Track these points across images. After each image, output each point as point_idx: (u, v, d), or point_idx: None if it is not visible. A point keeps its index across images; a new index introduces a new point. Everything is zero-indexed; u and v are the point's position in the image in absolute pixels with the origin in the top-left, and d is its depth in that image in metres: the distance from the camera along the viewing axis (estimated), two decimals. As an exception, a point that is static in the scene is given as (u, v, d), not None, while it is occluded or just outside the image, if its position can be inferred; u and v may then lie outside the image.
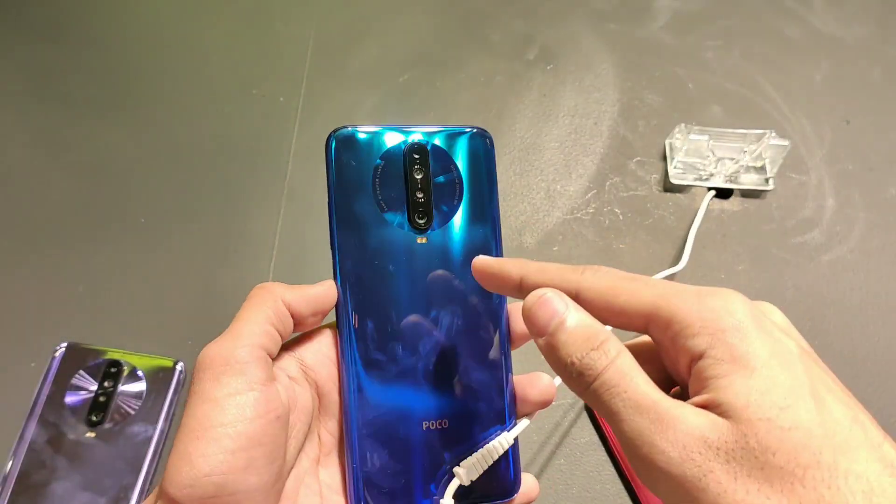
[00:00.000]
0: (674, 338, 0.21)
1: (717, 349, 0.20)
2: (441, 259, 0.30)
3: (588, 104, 0.64)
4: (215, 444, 0.24)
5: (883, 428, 0.20)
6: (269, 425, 0.25)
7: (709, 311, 0.21)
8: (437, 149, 0.31)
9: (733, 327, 0.20)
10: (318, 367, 0.29)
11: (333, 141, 0.30)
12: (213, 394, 0.25)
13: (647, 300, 0.22)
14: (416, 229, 0.30)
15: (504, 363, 0.31)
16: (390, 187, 0.30)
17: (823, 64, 0.68)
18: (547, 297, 0.23)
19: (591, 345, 0.22)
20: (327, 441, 0.30)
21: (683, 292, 0.22)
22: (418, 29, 0.69)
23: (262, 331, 0.26)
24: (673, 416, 0.20)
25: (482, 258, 0.27)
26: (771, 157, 0.58)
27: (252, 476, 0.24)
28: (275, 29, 0.68)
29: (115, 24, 0.68)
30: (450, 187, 0.31)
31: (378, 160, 0.30)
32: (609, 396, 0.21)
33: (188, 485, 0.23)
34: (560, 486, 0.46)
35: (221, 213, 0.56)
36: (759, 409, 0.19)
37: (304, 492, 0.28)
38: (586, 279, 0.23)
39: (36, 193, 0.57)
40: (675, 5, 0.72)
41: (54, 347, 0.47)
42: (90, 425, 0.45)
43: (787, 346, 0.20)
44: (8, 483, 0.42)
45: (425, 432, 0.29)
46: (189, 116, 0.62)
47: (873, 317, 0.53)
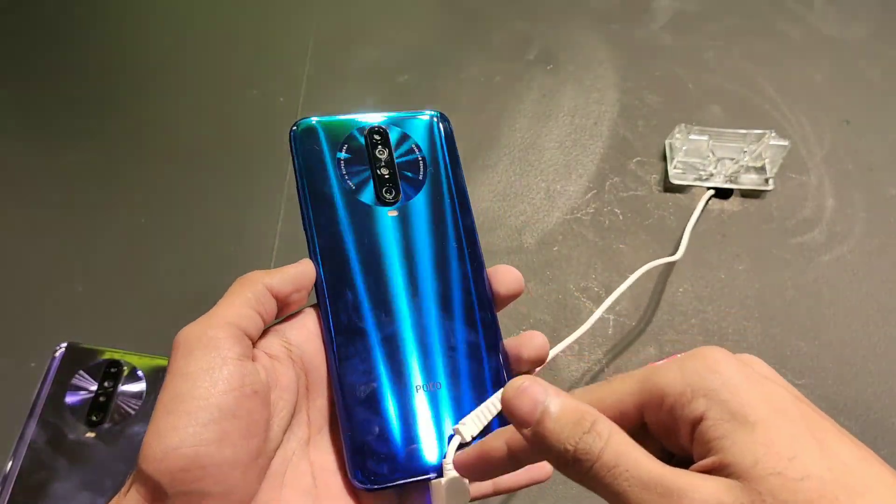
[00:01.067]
0: (670, 411, 0.21)
1: (713, 410, 0.20)
2: (414, 229, 0.31)
3: (588, 104, 0.64)
4: (186, 417, 0.23)
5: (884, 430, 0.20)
6: (244, 399, 0.25)
7: (694, 374, 0.21)
8: (397, 130, 0.33)
9: (722, 384, 0.20)
10: (302, 345, 0.29)
11: (296, 132, 0.31)
12: (186, 369, 0.24)
13: (633, 390, 0.22)
14: (386, 203, 0.31)
15: (491, 323, 0.31)
16: (356, 168, 0.31)
17: (823, 64, 0.68)
18: (525, 385, 0.22)
19: (582, 428, 0.21)
20: (317, 420, 0.29)
21: (662, 368, 0.22)
22: (418, 29, 0.69)
23: (239, 313, 0.27)
24: (682, 486, 0.19)
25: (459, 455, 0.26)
26: (771, 157, 0.58)
27: (226, 449, 0.24)
28: (275, 29, 0.68)
29: (115, 24, 0.68)
30: (413, 162, 0.32)
31: (341, 145, 0.32)
32: (612, 478, 0.20)
33: (159, 458, 0.23)
34: (560, 486, 0.46)
35: (221, 214, 0.56)
36: (768, 464, 0.19)
37: (292, 473, 0.28)
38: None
39: (36, 193, 0.57)
40: (675, 5, 0.72)
41: (54, 347, 0.47)
42: (90, 425, 0.45)
43: (780, 395, 0.21)
44: (8, 483, 0.42)
45: (418, 395, 0.29)
46: (189, 116, 0.62)
47: (873, 317, 0.53)
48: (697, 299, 0.53)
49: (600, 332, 0.52)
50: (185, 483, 0.23)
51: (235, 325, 0.26)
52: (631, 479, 0.20)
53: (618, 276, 0.54)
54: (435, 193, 0.32)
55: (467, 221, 0.32)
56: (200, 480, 0.23)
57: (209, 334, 0.25)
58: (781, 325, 0.52)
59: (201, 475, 0.23)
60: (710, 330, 0.52)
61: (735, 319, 0.53)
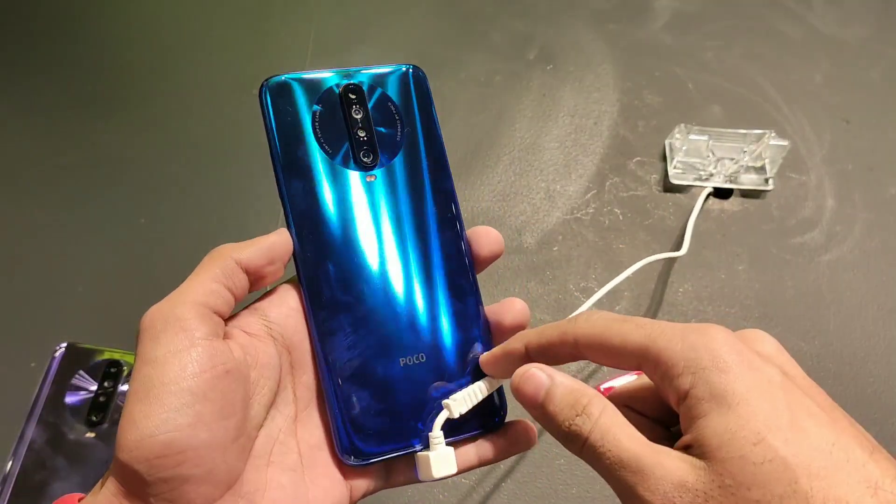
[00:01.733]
0: (661, 378, 0.23)
1: (698, 388, 0.21)
2: (392, 193, 0.30)
3: (588, 104, 0.64)
4: (158, 404, 0.23)
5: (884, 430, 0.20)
6: (216, 380, 0.24)
7: (691, 349, 0.22)
8: (372, 87, 0.31)
9: (713, 364, 0.21)
10: (283, 321, 0.28)
11: (266, 90, 0.30)
12: (154, 354, 0.24)
13: (637, 342, 0.23)
14: (363, 167, 0.30)
15: (472, 290, 0.31)
16: (331, 129, 0.30)
17: (823, 64, 0.68)
18: (530, 372, 0.25)
19: (575, 411, 0.24)
20: (304, 396, 0.29)
21: (669, 332, 0.23)
22: (418, 29, 0.69)
23: (206, 290, 0.26)
24: (653, 464, 0.21)
25: (486, 356, 0.29)
26: (771, 157, 0.58)
27: (201, 432, 0.24)
28: (275, 29, 0.68)
29: (115, 24, 0.68)
30: (390, 122, 0.31)
31: (315, 104, 0.30)
32: (597, 457, 0.23)
33: (134, 447, 0.23)
34: (560, 485, 0.46)
35: (221, 213, 0.56)
36: (732, 448, 0.20)
37: (279, 450, 0.27)
38: (580, 327, 0.25)
39: (36, 193, 0.57)
40: (675, 5, 0.72)
41: (54, 347, 0.47)
42: (90, 425, 0.45)
43: (768, 376, 0.21)
44: (8, 483, 0.42)
45: (403, 368, 0.29)
46: (189, 116, 0.62)
47: (873, 317, 0.53)
48: (697, 299, 0.53)
49: (600, 332, 0.52)
50: (164, 469, 0.23)
51: (202, 303, 0.25)
52: (612, 458, 0.22)
53: (618, 276, 0.54)
54: (413, 155, 0.31)
55: (446, 184, 0.31)
56: (179, 465, 0.23)
57: (175, 314, 0.25)
58: (781, 325, 0.52)
59: (180, 460, 0.23)
60: (710, 330, 0.52)
61: (735, 319, 0.53)
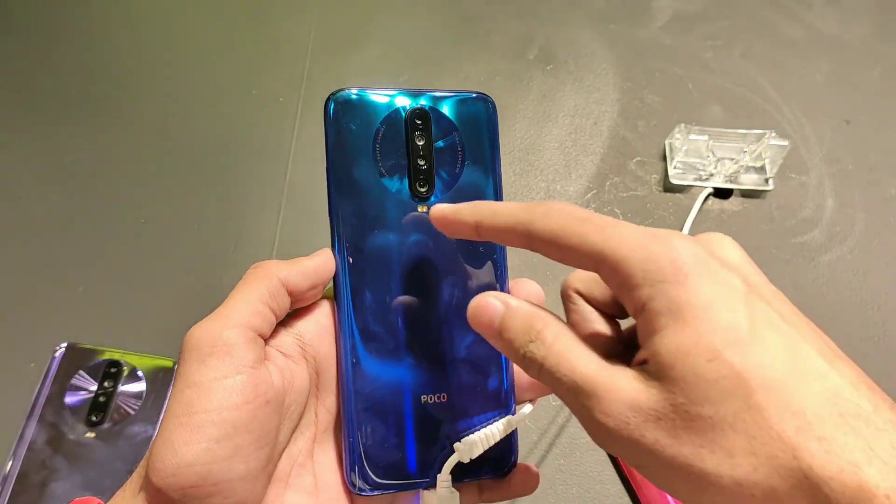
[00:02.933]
0: (618, 287, 0.21)
1: (655, 301, 0.20)
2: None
3: (588, 104, 0.64)
4: (199, 432, 0.23)
5: None
6: (257, 410, 0.24)
7: (651, 260, 0.20)
8: (440, 113, 0.29)
9: (673, 276, 0.20)
10: (316, 343, 0.28)
11: (332, 104, 0.29)
12: (198, 378, 0.24)
13: (595, 246, 0.22)
14: (417, 197, 0.29)
15: None
16: (391, 153, 0.29)
17: (823, 64, 0.68)
18: (482, 302, 0.25)
19: (528, 337, 0.23)
20: (324, 418, 0.29)
21: (630, 239, 0.21)
22: (418, 29, 0.69)
23: (253, 310, 0.25)
24: (606, 387, 0.21)
25: (438, 207, 0.27)
26: (771, 157, 0.58)
27: (238, 464, 0.23)
28: (275, 29, 0.68)
29: (115, 24, 0.68)
30: (451, 154, 0.30)
31: (379, 124, 0.29)
32: (553, 381, 0.22)
33: (171, 474, 0.22)
34: (560, 486, 0.46)
35: (221, 213, 0.56)
36: (686, 366, 0.19)
37: (297, 472, 0.27)
38: (537, 221, 0.23)
39: (36, 193, 0.57)
40: (675, 5, 0.72)
41: (54, 347, 0.47)
42: (90, 425, 0.45)
43: (730, 287, 0.20)
44: (8, 483, 0.42)
45: (423, 406, 0.29)
46: (189, 116, 0.62)
47: (873, 317, 0.53)
48: (697, 299, 0.53)
49: (600, 332, 0.52)
50: (197, 498, 0.23)
51: (249, 326, 0.25)
52: (566, 381, 0.22)
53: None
54: (469, 190, 0.30)
55: None
56: (211, 496, 0.23)
57: (223, 338, 0.24)
58: (781, 325, 0.52)
59: (213, 491, 0.23)
60: (710, 330, 0.52)
61: (735, 319, 0.52)
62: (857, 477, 0.17)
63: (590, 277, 0.26)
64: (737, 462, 0.18)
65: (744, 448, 0.18)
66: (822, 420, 0.18)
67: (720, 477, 0.19)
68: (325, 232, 0.30)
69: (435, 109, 0.29)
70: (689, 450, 0.19)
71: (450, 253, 0.29)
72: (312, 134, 0.60)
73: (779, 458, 0.18)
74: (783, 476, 0.18)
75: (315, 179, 0.58)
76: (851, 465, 0.17)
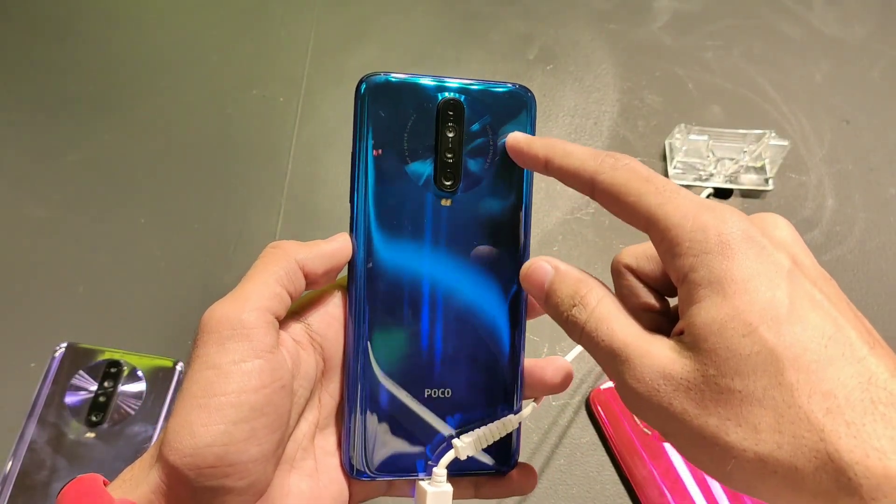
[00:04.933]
0: (665, 252, 0.22)
1: (698, 272, 0.20)
2: (463, 225, 0.29)
3: (588, 104, 0.64)
4: (218, 414, 0.23)
5: None
6: (273, 394, 0.24)
7: (700, 230, 0.21)
8: (474, 106, 0.28)
9: (718, 248, 0.20)
10: (324, 330, 0.28)
11: (364, 86, 0.28)
12: (217, 360, 0.24)
13: (649, 208, 0.22)
14: (442, 190, 0.28)
15: (518, 340, 0.30)
16: (420, 143, 0.28)
17: (823, 64, 0.68)
18: (537, 264, 0.26)
19: (573, 301, 0.24)
20: (327, 404, 0.29)
21: (683, 206, 0.21)
22: (418, 29, 0.69)
23: (271, 293, 0.25)
24: (641, 353, 0.21)
25: (516, 134, 0.28)
26: (771, 158, 0.58)
27: (253, 447, 0.24)
28: (275, 29, 0.68)
29: (114, 24, 0.68)
30: (482, 149, 0.29)
31: (410, 112, 0.28)
32: (593, 346, 0.23)
33: (189, 454, 0.23)
34: (560, 486, 0.46)
35: (221, 213, 0.56)
36: (721, 339, 0.19)
37: (301, 456, 0.28)
38: (602, 172, 0.24)
39: (36, 193, 0.57)
40: (675, 5, 0.72)
41: (54, 347, 0.47)
42: (90, 425, 0.45)
43: (776, 262, 0.20)
44: (8, 483, 0.42)
45: (427, 400, 0.29)
46: (189, 116, 0.62)
47: (873, 317, 0.53)
48: (697, 299, 0.53)
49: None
50: (212, 478, 0.23)
51: (267, 309, 0.25)
52: (604, 346, 0.22)
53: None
54: (497, 188, 0.29)
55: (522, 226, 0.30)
56: (227, 476, 0.23)
57: (242, 321, 0.24)
58: (781, 325, 0.52)
59: (229, 472, 0.23)
60: (710, 330, 0.52)
61: (735, 319, 0.53)
62: (883, 464, 0.17)
63: (641, 253, 0.26)
64: (762, 437, 0.18)
65: (770, 425, 0.18)
66: (853, 405, 0.18)
67: (744, 451, 0.19)
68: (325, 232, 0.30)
69: (469, 101, 0.28)
70: (715, 421, 0.19)
71: (469, 249, 0.29)
72: (312, 134, 0.60)
73: (805, 438, 0.18)
74: (807, 456, 0.18)
75: (315, 179, 0.58)
76: (878, 451, 0.17)
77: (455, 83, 0.28)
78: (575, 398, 0.49)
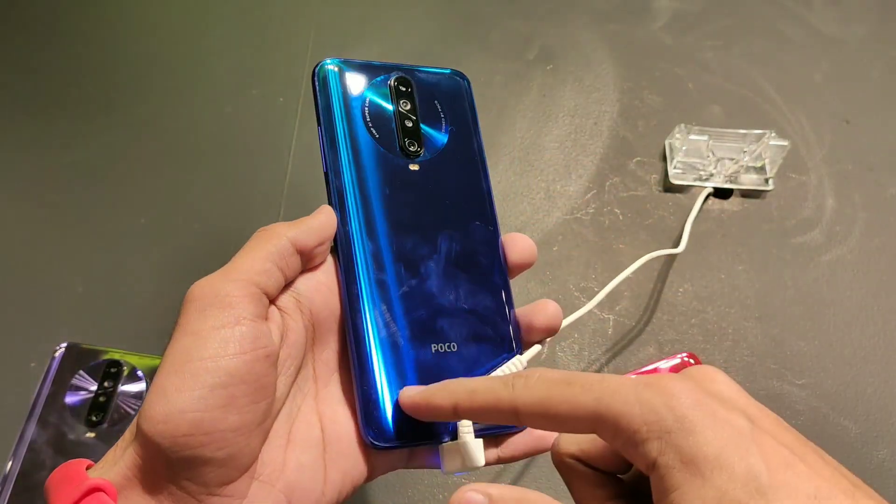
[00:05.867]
0: (624, 446, 0.20)
1: (666, 455, 0.19)
2: (435, 185, 0.31)
3: (588, 104, 0.64)
4: (193, 379, 0.22)
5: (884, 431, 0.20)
6: (255, 363, 0.24)
7: (650, 411, 0.20)
8: (421, 82, 0.33)
9: (677, 424, 0.19)
10: (311, 295, 0.28)
11: (319, 71, 0.31)
12: (196, 326, 0.23)
13: (587, 407, 0.21)
14: (408, 156, 0.31)
15: (505, 289, 0.31)
16: (379, 116, 0.31)
17: (823, 64, 0.68)
18: (465, 498, 0.23)
19: None
20: (323, 373, 0.28)
21: (622, 392, 0.20)
22: (418, 29, 0.69)
23: (259, 268, 0.25)
24: None
25: (406, 391, 0.27)
26: (771, 157, 0.58)
27: (232, 415, 0.23)
28: (275, 29, 0.68)
29: (114, 23, 0.68)
30: (435, 118, 0.32)
31: (366, 90, 0.31)
32: None
33: (162, 420, 0.22)
34: (560, 485, 0.45)
35: (221, 213, 0.56)
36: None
37: (298, 427, 0.27)
38: (518, 394, 0.22)
39: (36, 193, 0.57)
40: (675, 5, 0.72)
41: (54, 347, 0.47)
42: (90, 426, 0.45)
43: (736, 426, 0.20)
44: (8, 483, 0.42)
45: (435, 355, 0.29)
46: (189, 116, 0.62)
47: (873, 317, 0.53)
48: (697, 299, 0.53)
49: (600, 331, 0.52)
50: (188, 448, 0.22)
51: (254, 282, 0.25)
52: None
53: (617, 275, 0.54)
54: (455, 152, 0.32)
55: (485, 185, 0.32)
56: (203, 446, 0.22)
57: (225, 290, 0.24)
58: (781, 325, 0.52)
59: (205, 441, 0.22)
60: (710, 330, 0.52)
61: (735, 319, 0.53)
62: None
63: (581, 438, 0.25)
64: None
65: None
66: None
67: None
68: (325, 232, 0.30)
69: (416, 78, 0.33)
70: None
71: (445, 209, 0.31)
72: (312, 134, 0.60)
73: None
74: None
75: (315, 179, 0.58)
76: None
77: (400, 65, 0.33)
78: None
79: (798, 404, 0.49)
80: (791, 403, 0.49)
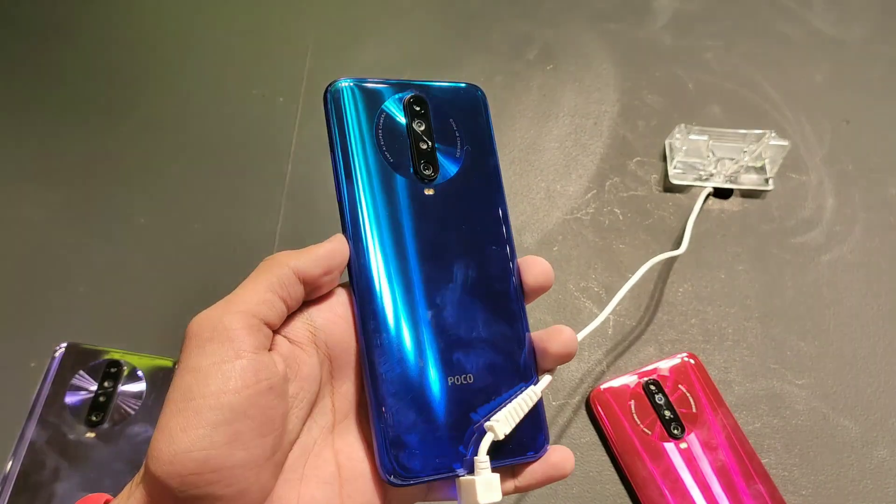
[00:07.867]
0: None
1: None
2: (450, 210, 0.30)
3: (588, 104, 0.64)
4: (196, 418, 0.22)
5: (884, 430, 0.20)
6: (258, 396, 0.23)
7: None
8: (436, 100, 0.31)
9: None
10: (329, 328, 0.27)
11: (331, 94, 0.30)
12: (197, 363, 0.23)
13: None
14: (423, 180, 0.30)
15: (521, 316, 0.30)
16: (393, 139, 0.30)
17: (823, 64, 0.68)
18: None
19: None
20: (342, 406, 0.28)
21: None
22: (418, 29, 0.69)
23: (259, 299, 0.25)
24: None
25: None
26: (771, 157, 0.58)
27: (238, 451, 0.23)
28: (275, 29, 0.68)
29: (114, 24, 0.68)
30: (451, 138, 0.31)
31: (379, 112, 0.30)
32: None
33: (168, 461, 0.22)
34: (560, 486, 0.46)
35: (221, 214, 0.56)
36: None
37: (313, 462, 0.26)
38: None
39: (36, 193, 0.57)
40: (675, 5, 0.72)
41: (54, 347, 0.47)
42: (90, 425, 0.45)
43: None
44: (8, 483, 0.42)
45: (451, 388, 0.28)
46: (189, 117, 0.62)
47: (873, 317, 0.53)
48: (697, 299, 0.53)
49: (600, 332, 0.52)
50: (196, 486, 0.22)
51: (253, 313, 0.25)
52: None
53: (618, 276, 0.54)
54: (471, 173, 0.31)
55: (501, 207, 0.31)
56: (212, 484, 0.22)
57: (223, 323, 0.24)
58: (781, 325, 0.52)
59: (213, 479, 0.22)
60: (710, 330, 0.52)
61: (735, 319, 0.53)
62: None
63: None
64: None
65: None
66: None
67: None
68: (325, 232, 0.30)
69: (431, 97, 0.31)
70: None
71: (461, 234, 0.30)
72: (312, 134, 0.60)
73: None
74: None
75: (315, 179, 0.58)
76: None
77: (413, 83, 0.31)
78: (575, 398, 0.49)
79: (798, 404, 0.49)
80: (791, 403, 0.49)
